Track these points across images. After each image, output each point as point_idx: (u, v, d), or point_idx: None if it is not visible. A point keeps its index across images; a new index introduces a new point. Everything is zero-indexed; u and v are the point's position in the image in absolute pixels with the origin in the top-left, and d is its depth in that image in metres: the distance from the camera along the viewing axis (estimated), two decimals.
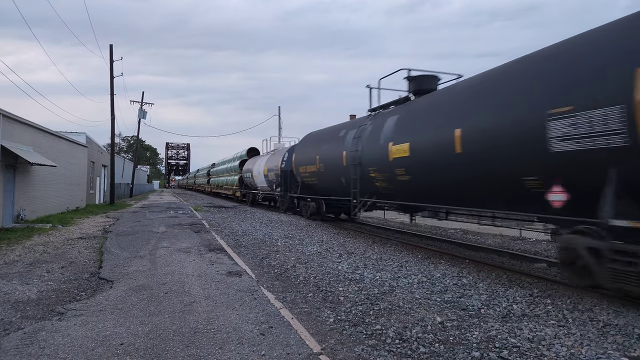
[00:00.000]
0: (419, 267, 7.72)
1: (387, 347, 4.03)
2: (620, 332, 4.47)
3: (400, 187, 10.24)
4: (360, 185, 11.85)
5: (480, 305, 5.36)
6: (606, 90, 5.34)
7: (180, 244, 10.17)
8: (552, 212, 6.25)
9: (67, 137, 20.52)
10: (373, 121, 11.71)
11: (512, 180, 6.79)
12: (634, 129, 4.94)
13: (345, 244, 10.52)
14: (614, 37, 5.64)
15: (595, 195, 5.43)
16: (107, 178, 29.82)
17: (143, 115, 37.46)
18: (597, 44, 5.80)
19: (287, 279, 6.82)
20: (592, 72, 5.61)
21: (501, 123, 6.92)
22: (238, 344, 4.02)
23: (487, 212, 8.36)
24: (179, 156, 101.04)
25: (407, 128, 9.83)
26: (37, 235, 11.53)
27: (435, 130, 8.69)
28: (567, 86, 5.89)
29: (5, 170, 13.25)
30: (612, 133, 5.22)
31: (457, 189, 8.37)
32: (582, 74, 5.75)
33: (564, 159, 5.83)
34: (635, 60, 5.07)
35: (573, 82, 5.83)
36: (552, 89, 6.11)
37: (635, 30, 5.33)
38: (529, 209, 7.08)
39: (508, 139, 6.72)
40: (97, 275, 6.89)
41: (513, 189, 6.90)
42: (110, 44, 29.94)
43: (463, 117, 7.92)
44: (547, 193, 6.20)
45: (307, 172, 16.07)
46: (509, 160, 6.77)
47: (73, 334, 4.25)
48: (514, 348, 4.00)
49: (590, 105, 5.46)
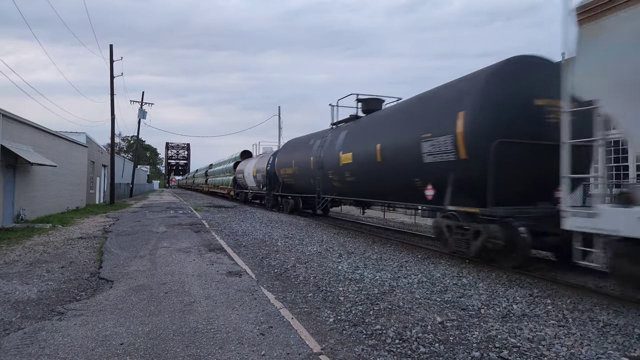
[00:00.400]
0: (419, 267, 7.72)
1: (387, 347, 4.03)
2: (620, 332, 4.47)
3: (348, 187, 13.10)
4: (322, 185, 14.75)
5: (480, 305, 5.36)
6: (444, 125, 8.09)
7: (180, 244, 10.17)
8: (428, 203, 9.23)
9: (67, 137, 20.52)
10: (332, 133, 14.42)
11: (409, 181, 9.46)
12: (457, 150, 7.78)
13: (345, 243, 10.52)
14: (448, 91, 8.76)
15: (445, 190, 8.21)
16: (107, 178, 29.82)
17: (143, 115, 37.46)
18: (441, 95, 8.95)
19: (287, 278, 6.82)
20: (438, 112, 8.59)
21: (401, 142, 9.73)
22: (238, 344, 4.03)
23: (400, 204, 11.69)
24: (179, 156, 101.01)
25: (352, 141, 12.58)
26: (37, 235, 11.54)
27: (366, 143, 11.45)
28: (428, 120, 8.85)
29: (5, 170, 13.25)
30: (448, 152, 8.02)
31: (381, 188, 11.22)
32: (434, 113, 8.77)
33: (430, 167, 8.62)
34: (457, 108, 7.84)
35: (430, 118, 8.80)
36: (422, 121, 9.07)
37: (458, 89, 8.38)
38: (418, 201, 9.90)
39: (405, 153, 9.44)
40: (97, 275, 6.89)
41: (410, 188, 9.58)
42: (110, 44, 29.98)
43: (382, 135, 10.73)
44: (425, 190, 8.96)
45: (286, 173, 18.69)
46: (406, 168, 9.44)
47: (73, 334, 4.26)
48: (514, 348, 4.00)
49: (438, 134, 8.25)
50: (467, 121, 7.51)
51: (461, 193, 7.88)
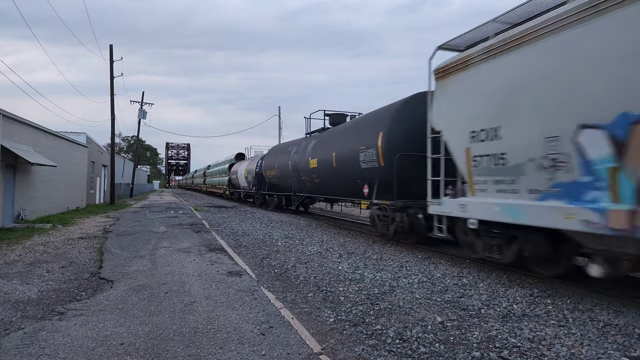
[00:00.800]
0: (419, 267, 7.72)
1: (388, 347, 4.03)
2: (620, 332, 4.47)
3: (316, 187, 15.70)
4: (297, 185, 17.58)
5: (481, 305, 5.36)
6: (371, 141, 10.79)
7: (181, 244, 10.17)
8: (366, 198, 11.98)
9: (67, 137, 20.52)
10: (305, 142, 17.03)
11: (354, 182, 12.18)
12: (379, 159, 10.48)
13: (346, 244, 10.52)
14: (374, 116, 11.72)
15: (374, 189, 11.02)
16: (107, 178, 29.83)
17: (143, 115, 37.44)
18: (370, 119, 11.99)
19: (287, 279, 6.82)
20: (368, 131, 11.30)
21: (348, 151, 12.33)
22: (238, 344, 4.03)
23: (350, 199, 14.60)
24: (179, 156, 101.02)
25: (318, 149, 15.05)
26: (38, 235, 11.54)
27: (326, 151, 14.07)
28: (363, 136, 11.51)
29: (6, 170, 13.26)
30: (374, 160, 10.72)
31: (337, 187, 13.95)
32: (366, 131, 11.46)
33: (365, 172, 11.34)
34: (378, 129, 10.55)
35: (364, 135, 11.45)
36: (360, 136, 11.74)
37: (380, 115, 11.24)
38: (360, 197, 12.68)
39: (350, 160, 12.07)
40: (98, 275, 6.89)
41: (355, 187, 12.23)
42: (110, 44, 29.95)
43: (337, 145, 13.37)
44: (363, 189, 11.65)
45: (271, 175, 21.22)
46: (351, 172, 12.08)
47: (73, 334, 4.26)
48: (514, 348, 4.00)
49: (369, 146, 10.95)
50: (384, 139, 10.30)
51: (383, 190, 10.72)
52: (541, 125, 5.81)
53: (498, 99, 6.57)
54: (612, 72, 4.93)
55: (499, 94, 6.55)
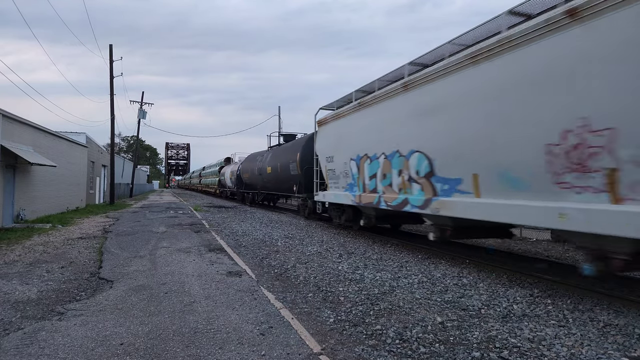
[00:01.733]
0: (419, 267, 7.72)
1: (388, 347, 4.03)
2: (620, 332, 4.47)
3: (272, 186, 21.30)
4: (261, 185, 23.45)
5: (481, 306, 5.35)
6: (294, 157, 16.68)
7: (180, 244, 10.17)
8: (294, 193, 17.36)
9: (67, 137, 20.51)
10: (266, 153, 22.41)
11: (288, 183, 17.74)
12: (297, 169, 16.33)
13: (346, 244, 10.51)
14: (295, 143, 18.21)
15: (298, 187, 16.77)
16: (107, 178, 29.81)
17: (143, 115, 37.45)
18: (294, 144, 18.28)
19: (287, 279, 6.81)
20: (293, 150, 17.28)
21: (286, 162, 17.97)
22: (238, 344, 4.02)
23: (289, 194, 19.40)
24: (179, 156, 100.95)
25: (272, 159, 20.53)
26: (37, 235, 11.53)
27: (275, 162, 19.69)
28: (291, 154, 17.36)
29: (5, 170, 13.24)
30: (296, 169, 16.49)
31: (280, 186, 19.52)
32: (292, 151, 17.43)
33: (293, 176, 16.98)
34: (297, 150, 16.67)
35: (291, 153, 17.34)
36: (291, 154, 17.46)
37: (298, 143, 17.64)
38: (292, 193, 17.88)
39: (287, 168, 17.71)
40: (97, 275, 6.88)
41: (289, 186, 17.71)
42: (110, 44, 29.85)
43: (281, 158, 18.92)
44: (293, 187, 17.15)
45: (246, 177, 26.97)
46: (287, 176, 17.78)
47: (73, 334, 4.25)
48: (515, 348, 4.00)
49: (293, 161, 16.84)
50: (299, 157, 16.14)
51: (300, 188, 16.40)
52: (344, 156, 11.69)
53: (333, 140, 12.44)
54: (369, 136, 10.41)
55: (333, 138, 12.44)
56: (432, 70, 7.82)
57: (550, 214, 5.48)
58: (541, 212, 5.64)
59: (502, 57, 6.11)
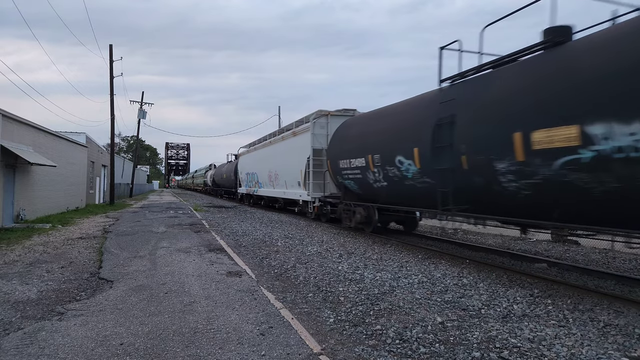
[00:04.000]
0: (420, 267, 7.72)
1: (388, 348, 4.03)
2: (620, 332, 4.47)
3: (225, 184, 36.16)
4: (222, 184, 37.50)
5: (481, 306, 5.35)
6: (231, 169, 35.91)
7: (180, 244, 10.17)
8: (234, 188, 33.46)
9: (67, 137, 20.50)
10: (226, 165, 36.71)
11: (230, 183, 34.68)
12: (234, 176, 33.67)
13: (346, 244, 10.51)
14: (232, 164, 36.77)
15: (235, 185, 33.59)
16: (107, 178, 29.81)
17: (143, 115, 37.45)
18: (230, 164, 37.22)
19: (287, 279, 6.81)
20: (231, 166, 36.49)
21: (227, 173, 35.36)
22: (238, 344, 4.02)
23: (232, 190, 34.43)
24: (179, 156, 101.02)
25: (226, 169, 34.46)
26: (37, 235, 11.53)
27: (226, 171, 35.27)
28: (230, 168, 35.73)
29: (5, 170, 13.24)
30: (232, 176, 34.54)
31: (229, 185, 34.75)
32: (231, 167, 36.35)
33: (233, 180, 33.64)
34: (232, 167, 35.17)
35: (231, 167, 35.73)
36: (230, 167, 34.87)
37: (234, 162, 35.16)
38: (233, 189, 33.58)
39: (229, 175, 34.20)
40: (97, 275, 6.88)
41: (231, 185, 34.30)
42: (110, 44, 29.87)
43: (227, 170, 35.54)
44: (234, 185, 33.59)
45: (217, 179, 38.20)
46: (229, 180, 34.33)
47: (73, 334, 4.25)
48: (515, 348, 4.00)
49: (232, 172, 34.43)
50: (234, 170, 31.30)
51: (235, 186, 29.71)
52: (246, 171, 27.11)
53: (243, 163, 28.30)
54: (254, 163, 25.32)
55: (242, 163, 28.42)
56: (269, 141, 22.16)
57: (279, 194, 20.12)
58: (279, 193, 20.12)
59: (282, 142, 19.73)
